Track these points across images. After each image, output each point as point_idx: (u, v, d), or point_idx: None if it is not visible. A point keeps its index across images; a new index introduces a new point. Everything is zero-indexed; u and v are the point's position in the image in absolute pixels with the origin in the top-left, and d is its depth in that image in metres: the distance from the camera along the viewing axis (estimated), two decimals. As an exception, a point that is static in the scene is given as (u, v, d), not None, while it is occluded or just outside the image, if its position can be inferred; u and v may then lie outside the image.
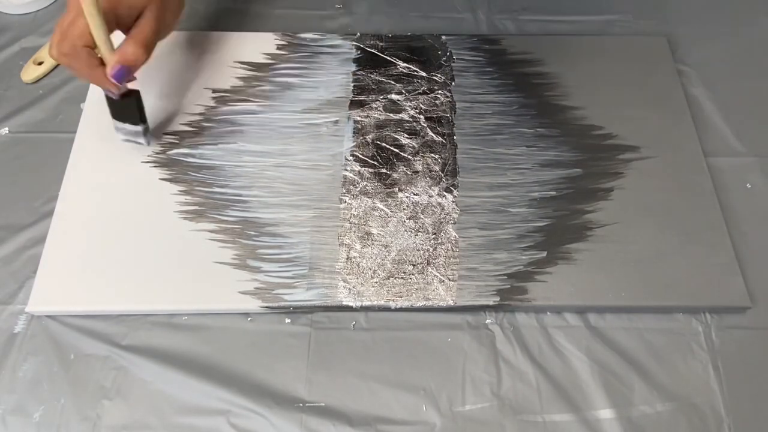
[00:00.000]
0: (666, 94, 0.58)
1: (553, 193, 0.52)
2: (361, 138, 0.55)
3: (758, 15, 0.65)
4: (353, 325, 0.47)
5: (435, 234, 0.50)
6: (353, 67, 0.59)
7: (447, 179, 0.53)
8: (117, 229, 0.50)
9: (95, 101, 0.56)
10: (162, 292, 0.47)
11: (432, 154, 0.54)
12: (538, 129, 0.56)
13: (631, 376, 0.46)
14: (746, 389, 0.46)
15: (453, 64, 0.59)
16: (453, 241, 0.50)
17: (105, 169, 0.52)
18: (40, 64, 0.59)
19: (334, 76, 0.58)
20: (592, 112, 0.56)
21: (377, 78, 0.58)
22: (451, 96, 0.57)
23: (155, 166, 0.53)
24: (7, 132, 0.56)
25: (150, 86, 0.57)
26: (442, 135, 0.55)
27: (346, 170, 0.53)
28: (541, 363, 0.46)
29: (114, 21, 0.45)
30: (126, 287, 0.47)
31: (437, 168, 0.53)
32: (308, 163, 0.53)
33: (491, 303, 0.47)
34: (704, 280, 0.48)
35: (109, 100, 0.50)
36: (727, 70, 0.61)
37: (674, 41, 0.62)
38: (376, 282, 0.48)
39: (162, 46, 0.59)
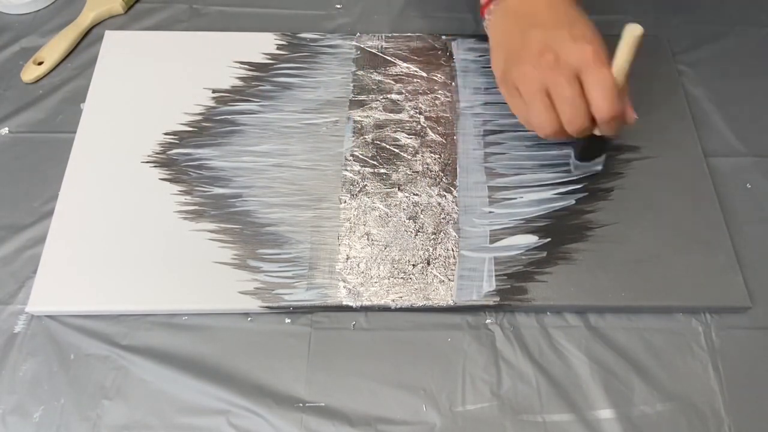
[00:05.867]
0: (666, 94, 0.58)
1: (553, 193, 0.52)
2: (361, 138, 0.55)
3: (758, 15, 0.65)
4: (353, 325, 0.47)
5: (435, 234, 0.50)
6: (353, 67, 0.59)
7: (447, 179, 0.53)
8: (117, 229, 0.50)
9: (95, 101, 0.56)
10: (162, 292, 0.47)
11: (432, 154, 0.54)
12: (538, 129, 0.55)
13: (631, 376, 0.46)
14: (746, 389, 0.46)
15: (453, 64, 0.59)
16: (453, 241, 0.50)
17: (105, 169, 0.52)
18: (40, 64, 0.59)
19: (334, 76, 0.58)
20: (592, 112, 0.56)
21: (377, 78, 0.58)
22: (451, 96, 0.57)
23: (155, 166, 0.53)
24: (7, 132, 0.56)
25: (150, 86, 0.57)
26: (442, 135, 0.55)
27: (346, 170, 0.53)
28: (541, 363, 0.46)
29: None
30: (126, 287, 0.47)
31: (437, 168, 0.53)
32: (308, 163, 0.53)
33: (491, 303, 0.47)
34: (704, 280, 0.48)
35: (584, 144, 0.49)
36: (727, 70, 0.61)
37: (674, 41, 0.62)
38: (376, 282, 0.48)
39: (162, 47, 0.60)
